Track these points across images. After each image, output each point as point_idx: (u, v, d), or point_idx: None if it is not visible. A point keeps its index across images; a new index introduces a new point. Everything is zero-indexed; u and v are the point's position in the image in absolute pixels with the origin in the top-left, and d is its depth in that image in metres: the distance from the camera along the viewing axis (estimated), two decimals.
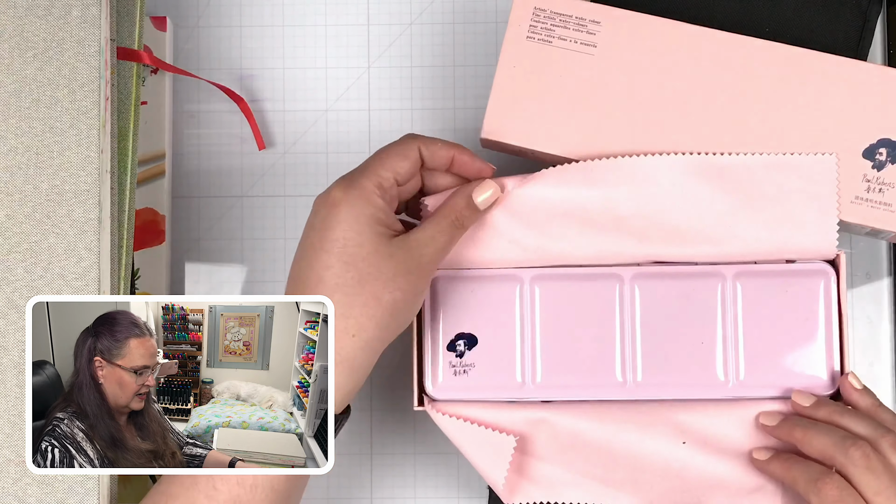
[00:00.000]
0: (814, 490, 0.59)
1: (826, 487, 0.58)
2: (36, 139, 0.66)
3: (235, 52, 0.77)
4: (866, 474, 0.58)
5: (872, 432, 0.60)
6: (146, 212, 0.74)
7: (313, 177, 0.76)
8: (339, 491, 0.74)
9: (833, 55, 0.66)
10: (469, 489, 0.74)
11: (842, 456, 0.59)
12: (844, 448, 0.59)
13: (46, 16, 0.66)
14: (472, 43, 0.77)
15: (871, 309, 0.74)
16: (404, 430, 0.74)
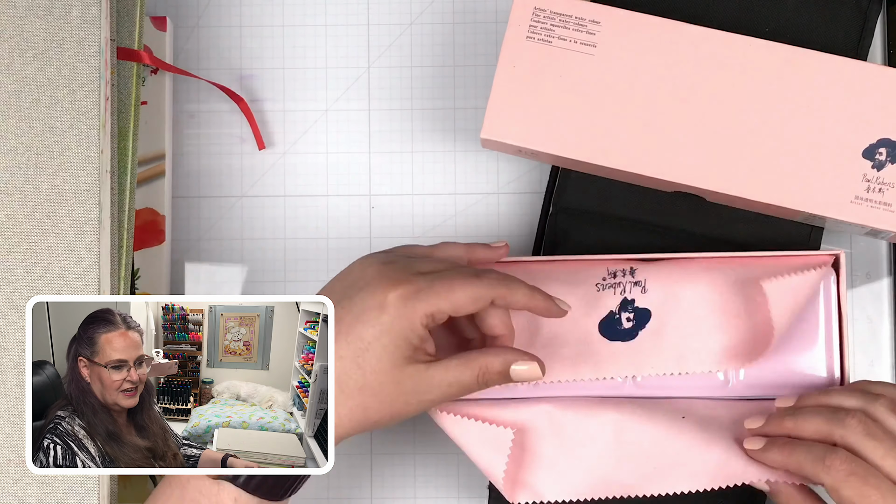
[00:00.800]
0: (823, 469, 0.57)
1: (835, 463, 0.56)
2: (36, 139, 0.66)
3: (235, 52, 0.77)
4: (868, 441, 0.57)
5: (863, 401, 0.59)
6: (146, 212, 0.74)
7: (313, 177, 0.76)
8: (339, 491, 0.74)
9: (833, 55, 0.66)
10: (469, 489, 0.74)
11: (840, 429, 0.58)
12: (840, 420, 0.58)
13: (46, 16, 0.66)
14: (472, 43, 0.77)
15: (871, 309, 0.74)
16: (404, 430, 0.74)
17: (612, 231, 0.69)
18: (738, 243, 0.68)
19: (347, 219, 0.76)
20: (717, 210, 0.68)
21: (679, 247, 0.68)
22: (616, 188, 0.69)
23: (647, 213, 0.69)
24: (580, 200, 0.70)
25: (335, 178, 0.76)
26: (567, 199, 0.70)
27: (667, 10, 0.69)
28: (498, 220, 0.75)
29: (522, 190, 0.75)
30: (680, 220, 0.68)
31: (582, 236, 0.69)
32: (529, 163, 0.75)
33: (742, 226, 0.68)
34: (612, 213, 0.69)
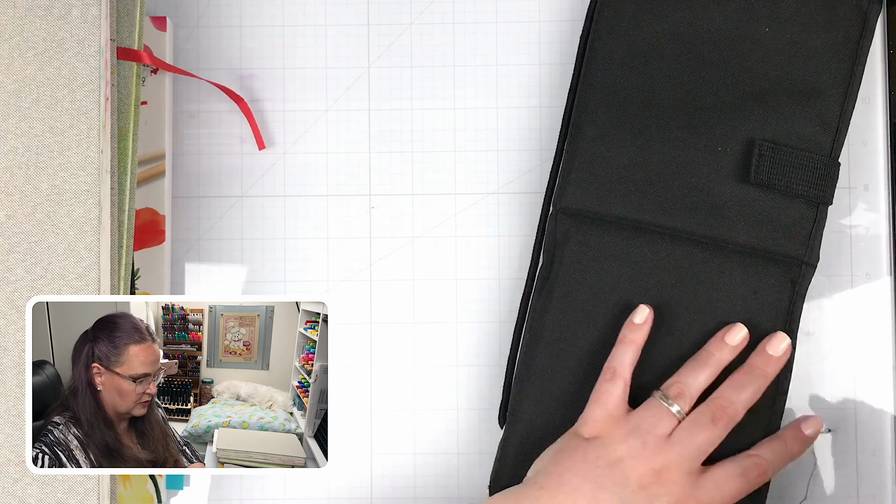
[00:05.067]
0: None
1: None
2: (36, 139, 0.66)
3: (235, 52, 0.77)
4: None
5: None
6: (146, 212, 0.74)
7: (313, 177, 0.76)
8: (339, 491, 0.74)
9: None
10: (469, 489, 0.74)
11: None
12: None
13: (46, 16, 0.66)
14: (472, 43, 0.77)
15: (870, 308, 0.74)
16: (404, 430, 0.74)
17: (612, 232, 0.69)
18: (739, 243, 0.68)
19: (347, 219, 0.76)
20: (719, 210, 0.68)
21: (681, 247, 0.68)
22: (616, 188, 0.69)
23: (648, 212, 0.69)
24: (580, 200, 0.70)
25: (335, 178, 0.76)
26: (567, 200, 0.70)
27: (666, 11, 0.69)
28: (498, 220, 0.75)
29: (522, 190, 0.75)
30: (681, 219, 0.68)
31: (582, 236, 0.69)
32: (529, 163, 0.75)
33: (742, 226, 0.68)
34: (613, 214, 0.69)
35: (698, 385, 0.64)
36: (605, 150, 0.69)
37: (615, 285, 0.68)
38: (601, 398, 0.64)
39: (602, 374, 0.66)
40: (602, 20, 0.71)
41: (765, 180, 0.68)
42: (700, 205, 0.68)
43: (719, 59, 0.69)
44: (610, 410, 0.64)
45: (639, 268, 0.68)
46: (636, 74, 0.70)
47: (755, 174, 0.68)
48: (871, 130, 0.74)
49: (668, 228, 0.69)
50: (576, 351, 0.68)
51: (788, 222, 0.68)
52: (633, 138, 0.69)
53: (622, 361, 0.65)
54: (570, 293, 0.69)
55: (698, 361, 0.65)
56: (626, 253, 0.68)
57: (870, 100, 0.74)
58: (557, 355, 0.68)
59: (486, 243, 0.75)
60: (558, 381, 0.68)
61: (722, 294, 0.68)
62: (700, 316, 0.68)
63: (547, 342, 0.68)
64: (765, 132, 0.68)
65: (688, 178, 0.69)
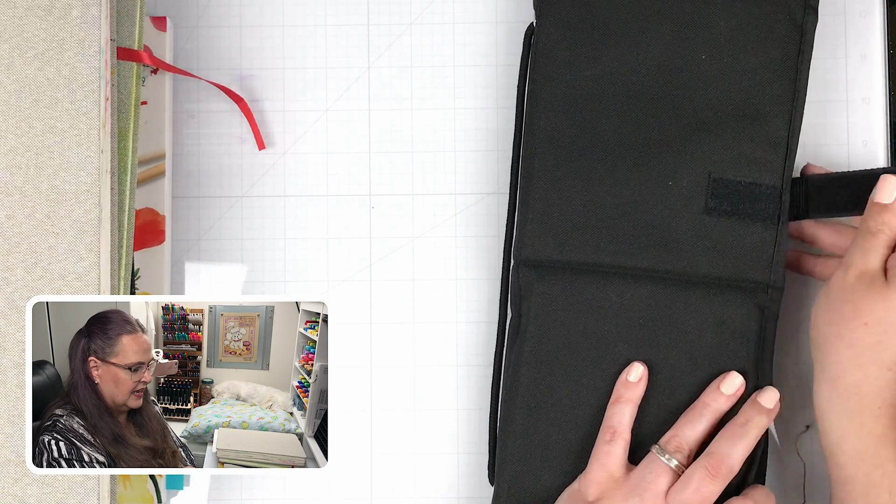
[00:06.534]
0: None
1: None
2: (36, 139, 0.66)
3: (235, 52, 0.77)
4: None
5: None
6: (146, 212, 0.74)
7: (313, 177, 0.76)
8: (339, 491, 0.74)
9: None
10: (469, 489, 0.74)
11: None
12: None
13: (46, 16, 0.66)
14: (472, 43, 0.77)
15: None
16: (404, 430, 0.74)
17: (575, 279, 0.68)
18: (702, 275, 0.67)
19: (347, 219, 0.76)
20: (677, 244, 0.68)
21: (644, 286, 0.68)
22: (572, 234, 0.68)
23: (607, 255, 0.68)
24: (539, 251, 0.68)
25: (335, 178, 0.76)
26: (526, 251, 0.69)
27: (601, 43, 0.69)
28: (498, 220, 0.75)
29: None
30: (640, 258, 0.68)
31: (545, 287, 0.68)
32: None
33: (702, 257, 0.68)
34: (573, 260, 0.68)
35: (696, 437, 0.65)
36: (557, 197, 0.68)
37: (585, 332, 0.68)
38: (602, 459, 0.65)
39: (601, 434, 0.66)
40: (538, 68, 0.70)
41: (719, 208, 0.67)
42: (657, 241, 0.68)
43: (660, 93, 0.68)
44: (611, 471, 0.65)
45: (605, 312, 0.68)
46: (579, 118, 0.69)
47: (709, 204, 0.67)
48: (872, 130, 0.74)
49: (629, 268, 0.68)
50: (554, 402, 0.67)
51: (748, 247, 0.67)
52: (584, 183, 0.68)
53: (621, 421, 0.65)
54: (540, 345, 0.68)
55: (694, 412, 0.65)
56: (591, 298, 0.68)
57: (870, 100, 0.74)
58: (537, 409, 0.68)
59: (486, 243, 0.75)
60: (541, 437, 0.67)
61: (690, 327, 0.67)
62: (672, 352, 0.67)
63: (524, 397, 0.68)
64: (714, 161, 0.67)
65: (641, 215, 0.68)
